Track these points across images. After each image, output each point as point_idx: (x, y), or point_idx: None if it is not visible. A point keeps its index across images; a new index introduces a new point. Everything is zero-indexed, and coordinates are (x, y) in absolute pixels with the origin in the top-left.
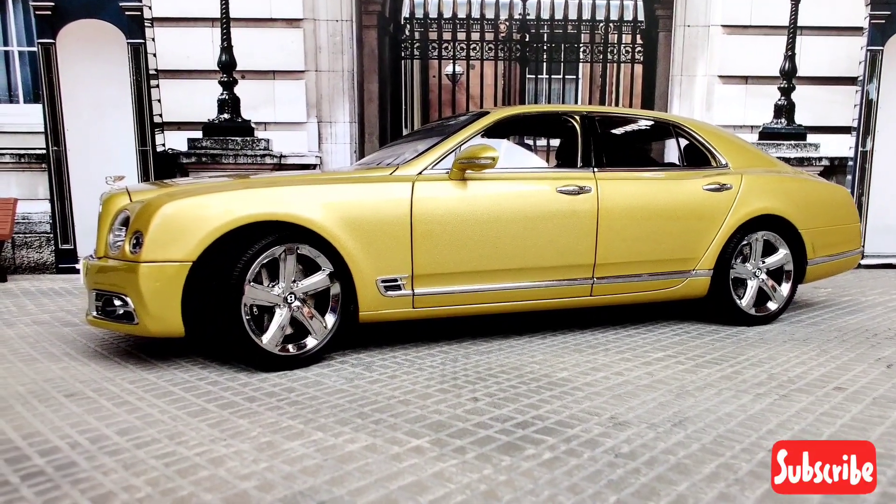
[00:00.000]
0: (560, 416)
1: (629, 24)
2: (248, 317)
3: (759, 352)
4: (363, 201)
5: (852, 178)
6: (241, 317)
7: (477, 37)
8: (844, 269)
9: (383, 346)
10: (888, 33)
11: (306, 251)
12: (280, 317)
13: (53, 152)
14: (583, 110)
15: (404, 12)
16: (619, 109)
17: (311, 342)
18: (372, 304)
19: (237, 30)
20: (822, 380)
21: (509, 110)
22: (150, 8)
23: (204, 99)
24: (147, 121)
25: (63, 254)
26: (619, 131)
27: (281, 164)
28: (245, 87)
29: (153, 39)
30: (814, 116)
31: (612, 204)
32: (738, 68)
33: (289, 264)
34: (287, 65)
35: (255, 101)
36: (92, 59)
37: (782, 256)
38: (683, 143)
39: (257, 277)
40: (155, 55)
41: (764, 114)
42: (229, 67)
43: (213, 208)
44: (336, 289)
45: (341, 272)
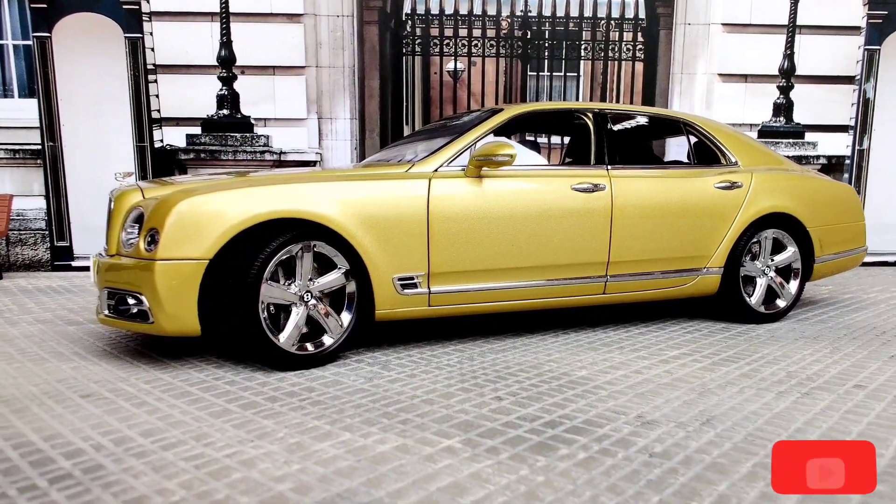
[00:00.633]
0: (587, 415)
1: (630, 21)
2: (264, 315)
3: (773, 349)
4: (380, 198)
5: (849, 176)
6: (258, 315)
7: (479, 33)
8: (850, 266)
9: (396, 345)
10: (885, 33)
11: (324, 249)
12: (297, 315)
13: (49, 148)
14: (595, 107)
15: (406, 8)
16: (631, 107)
17: (327, 340)
18: (388, 303)
19: (237, 25)
20: (841, 377)
21: (524, 107)
22: (147, 2)
23: (203, 94)
24: (145, 116)
25: (58, 251)
26: (631, 129)
27: (281, 161)
28: (244, 83)
29: (151, 34)
30: (812, 115)
31: (626, 202)
32: (737, 67)
33: (305, 262)
34: (287, 60)
35: (255, 96)
36: (89, 54)
37: (791, 254)
38: (694, 140)
39: (274, 276)
40: (153, 50)
41: (763, 112)
42: (229, 63)
43: (231, 205)
44: (352, 287)
45: (357, 270)
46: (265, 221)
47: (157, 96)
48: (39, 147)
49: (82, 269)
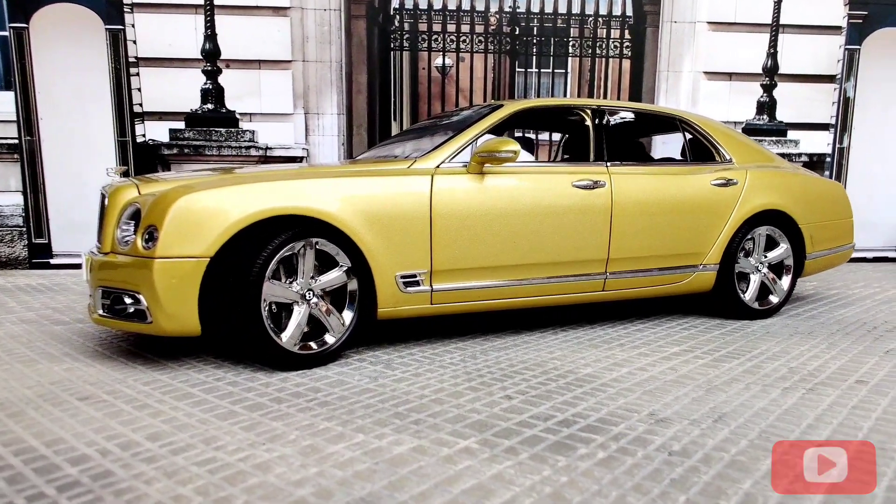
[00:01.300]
0: (599, 413)
1: (617, 18)
2: (266, 314)
3: (771, 345)
4: (383, 195)
5: (830, 174)
6: (260, 314)
7: (467, 29)
8: (839, 262)
9: (397, 344)
10: (865, 33)
11: (326, 247)
12: (299, 314)
13: (26, 142)
14: (594, 104)
15: (394, 3)
16: (629, 103)
17: (329, 339)
18: (390, 301)
19: (221, 17)
20: (841, 373)
21: (524, 103)
22: None
23: (186, 88)
24: (126, 110)
25: (37, 249)
26: (629, 125)
27: (267, 157)
28: (229, 77)
29: (133, 26)
30: (794, 113)
31: (626, 198)
32: (722, 65)
33: (307, 260)
34: (273, 54)
35: (240, 91)
36: (68, 46)
37: (783, 251)
38: (689, 138)
39: (275, 274)
40: (135, 42)
41: (747, 110)
42: (213, 56)
43: (233, 202)
44: (353, 285)
45: (359, 268)
46: (267, 218)
47: (139, 90)
48: (16, 141)
49: (62, 266)
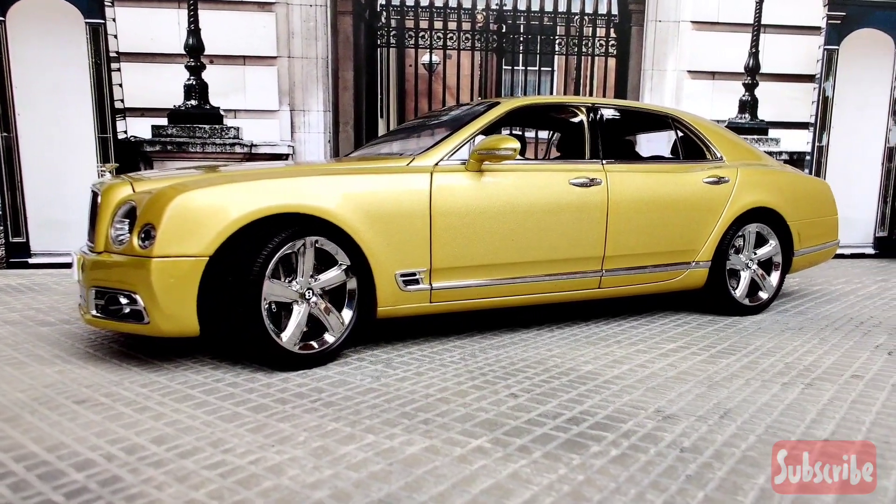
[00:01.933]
0: (606, 410)
1: (603, 17)
2: (266, 314)
3: (764, 341)
4: (382, 193)
5: (810, 171)
6: (260, 314)
7: (454, 26)
8: (824, 259)
9: (394, 342)
10: (844, 33)
11: (326, 245)
12: (299, 314)
13: (3, 139)
14: (589, 101)
15: None
16: (622, 102)
17: (329, 338)
18: (390, 299)
19: (205, 12)
20: (836, 368)
21: (521, 101)
22: None
23: (169, 84)
24: (107, 106)
25: (14, 248)
26: (623, 123)
27: (252, 154)
28: (213, 73)
29: (114, 19)
30: (775, 112)
31: (621, 196)
32: (705, 64)
33: (307, 258)
34: (258, 50)
35: (225, 87)
36: (46, 40)
37: (772, 248)
38: (681, 136)
39: (275, 273)
40: (116, 36)
41: (730, 108)
42: (197, 51)
43: (232, 199)
44: (352, 284)
45: (358, 266)
46: (267, 216)
47: (120, 85)
48: None
49: (41, 266)
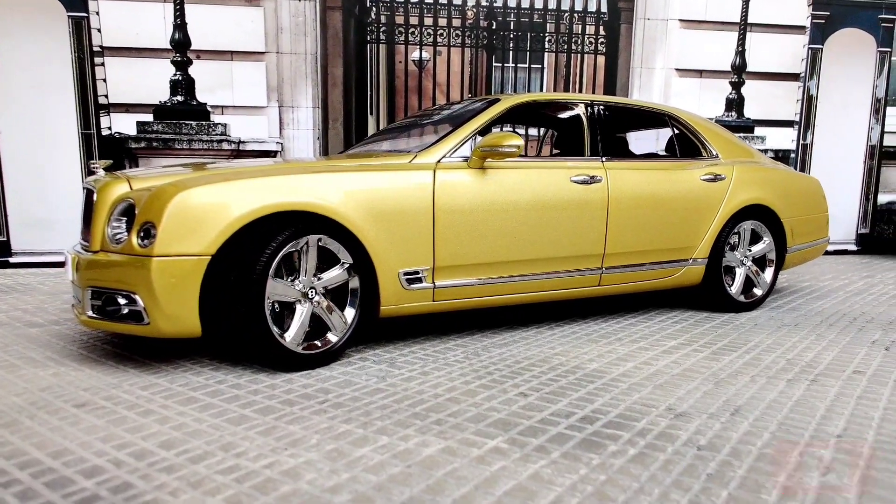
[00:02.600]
0: (617, 409)
1: (593, 15)
2: (269, 314)
3: (763, 337)
4: (386, 190)
5: (795, 169)
6: (264, 314)
7: (444, 23)
8: (815, 256)
9: (395, 342)
10: (828, 33)
11: (329, 243)
12: (302, 313)
13: None
14: (588, 98)
15: None
16: (621, 99)
17: (332, 338)
18: (393, 298)
19: (192, 6)
20: (838, 364)
21: (521, 97)
22: None
23: (155, 80)
24: (91, 102)
25: None
26: (621, 121)
27: (239, 151)
28: (200, 68)
29: (97, 13)
30: (761, 110)
31: (621, 194)
32: (693, 62)
33: (310, 257)
34: (246, 45)
35: (212, 83)
36: (27, 34)
37: (767, 245)
38: (678, 133)
39: (277, 271)
40: (100, 31)
41: (717, 106)
42: (183, 46)
43: (234, 197)
44: (355, 282)
45: (360, 265)
46: (272, 214)
47: (104, 81)
48: None
49: (22, 265)
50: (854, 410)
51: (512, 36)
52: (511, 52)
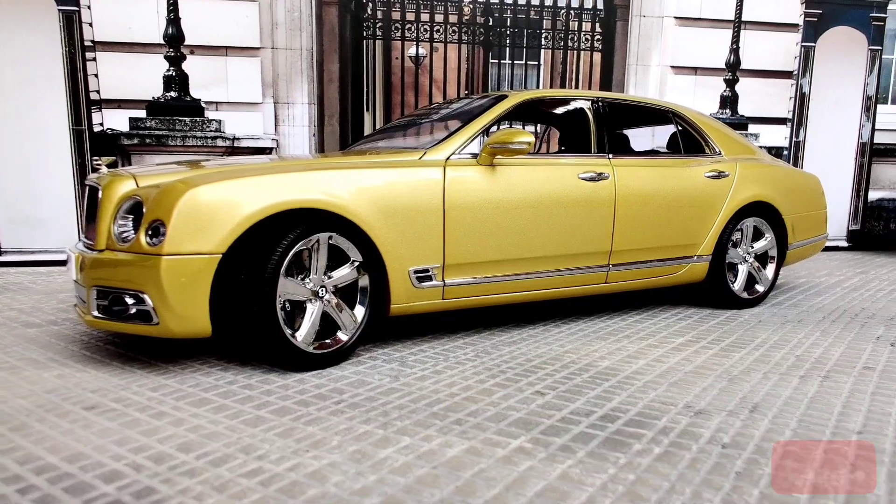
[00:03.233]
0: (636, 407)
1: (589, 12)
2: (280, 313)
3: (769, 334)
4: (396, 187)
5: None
6: (275, 313)
7: (441, 19)
8: (814, 252)
9: (403, 340)
10: (820, 30)
11: (339, 241)
12: (312, 312)
13: None
14: (594, 95)
15: None
16: (626, 96)
17: (343, 337)
18: (403, 297)
19: (186, 0)
20: (846, 360)
21: (528, 94)
22: None
23: (148, 75)
24: (82, 98)
25: None
26: (626, 117)
27: (234, 148)
28: (194, 64)
29: (89, 7)
30: (755, 107)
31: (628, 191)
32: (688, 59)
33: (321, 255)
34: (241, 41)
35: (206, 78)
36: (16, 28)
37: (769, 241)
38: (681, 130)
39: (288, 270)
40: (91, 25)
41: (711, 104)
42: (176, 41)
43: (245, 194)
44: (364, 281)
45: (371, 263)
46: (283, 212)
47: (96, 76)
48: None
49: (12, 264)
50: (871, 407)
51: (508, 32)
52: (508, 49)
